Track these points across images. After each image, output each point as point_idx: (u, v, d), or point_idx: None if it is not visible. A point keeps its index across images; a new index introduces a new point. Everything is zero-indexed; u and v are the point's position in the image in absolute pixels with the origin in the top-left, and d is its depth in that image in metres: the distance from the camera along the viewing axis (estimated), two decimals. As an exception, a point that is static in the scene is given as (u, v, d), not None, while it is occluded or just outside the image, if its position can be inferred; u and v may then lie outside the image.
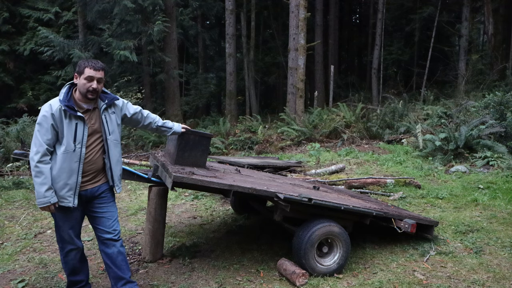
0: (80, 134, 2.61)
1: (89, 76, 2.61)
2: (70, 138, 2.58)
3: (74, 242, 2.75)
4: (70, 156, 2.58)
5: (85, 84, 2.61)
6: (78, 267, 2.83)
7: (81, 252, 2.84)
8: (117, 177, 2.83)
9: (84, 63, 2.65)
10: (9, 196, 5.95)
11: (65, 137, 2.57)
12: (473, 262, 3.45)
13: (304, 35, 11.66)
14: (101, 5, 11.27)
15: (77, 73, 2.64)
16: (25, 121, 10.38)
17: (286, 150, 9.94)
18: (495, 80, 13.50)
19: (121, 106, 2.90)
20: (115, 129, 2.81)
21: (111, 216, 2.83)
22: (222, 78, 18.24)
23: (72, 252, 2.77)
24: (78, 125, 2.61)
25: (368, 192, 5.69)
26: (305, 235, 3.17)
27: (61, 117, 2.56)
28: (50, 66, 15.13)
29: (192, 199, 5.75)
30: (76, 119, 2.60)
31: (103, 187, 2.79)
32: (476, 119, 8.06)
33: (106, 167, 2.78)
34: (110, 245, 2.79)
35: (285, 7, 15.93)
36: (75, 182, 2.62)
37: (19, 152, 3.13)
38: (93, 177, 2.73)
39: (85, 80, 2.61)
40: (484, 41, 19.68)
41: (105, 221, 2.80)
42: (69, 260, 2.78)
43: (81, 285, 2.88)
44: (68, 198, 2.61)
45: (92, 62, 2.66)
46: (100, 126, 2.73)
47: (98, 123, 2.73)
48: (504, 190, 5.35)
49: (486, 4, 14.84)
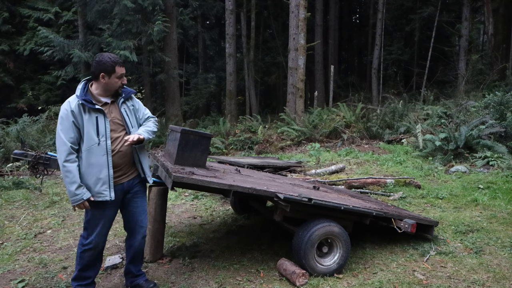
0: (102, 126, 2.64)
1: (121, 74, 2.70)
2: (93, 132, 2.61)
3: (99, 240, 2.78)
4: (96, 150, 2.61)
5: (117, 82, 2.70)
6: (91, 264, 2.85)
7: (99, 251, 2.87)
8: (147, 169, 2.91)
9: (110, 61, 2.65)
10: (9, 196, 5.95)
11: (86, 132, 2.60)
12: (473, 262, 3.44)
13: (304, 35, 11.66)
14: (101, 5, 11.27)
15: (105, 72, 2.64)
16: (25, 121, 10.38)
17: (286, 150, 9.95)
18: (495, 80, 13.50)
19: (138, 103, 2.97)
20: (136, 123, 2.87)
21: (143, 211, 2.95)
22: (222, 78, 18.24)
23: (92, 251, 2.79)
24: (99, 118, 2.64)
25: (368, 192, 5.69)
26: (305, 235, 3.17)
27: (80, 112, 2.60)
28: (50, 66, 15.13)
29: (192, 199, 5.75)
30: (96, 112, 2.64)
31: (136, 180, 2.88)
32: (476, 119, 8.06)
33: (135, 160, 2.84)
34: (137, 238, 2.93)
35: (285, 7, 15.93)
36: (107, 176, 2.66)
37: (19, 152, 3.12)
38: (126, 171, 2.80)
39: (117, 78, 2.69)
40: (484, 41, 19.68)
41: (138, 215, 2.92)
42: (86, 256, 2.80)
43: (88, 282, 2.88)
44: (104, 192, 2.66)
45: (117, 59, 2.70)
46: (122, 119, 2.77)
47: (119, 116, 2.77)
48: (504, 190, 5.35)
49: (486, 4, 14.83)
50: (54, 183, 6.93)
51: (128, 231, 2.97)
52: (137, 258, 3.02)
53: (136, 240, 2.95)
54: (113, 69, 2.65)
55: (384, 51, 17.75)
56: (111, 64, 2.64)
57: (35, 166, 3.13)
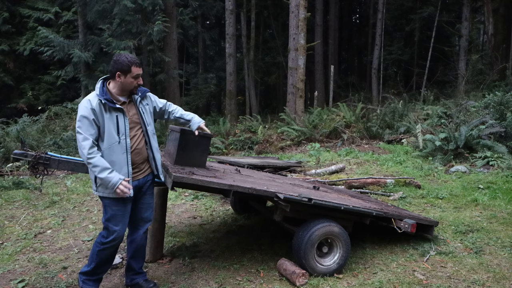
0: (122, 125, 2.69)
1: (137, 74, 2.71)
2: (113, 131, 2.65)
3: (122, 235, 2.80)
4: (116, 148, 2.66)
5: (133, 82, 2.72)
6: (107, 261, 2.87)
7: (116, 249, 2.90)
8: (160, 166, 2.97)
9: (127, 61, 2.67)
10: (9, 196, 5.95)
11: (107, 130, 2.63)
12: (473, 262, 3.44)
13: (304, 35, 11.66)
14: (101, 5, 11.26)
15: (121, 71, 2.66)
16: (25, 121, 10.38)
17: (286, 150, 9.95)
18: (495, 80, 13.50)
19: (152, 99, 3.03)
20: (151, 120, 2.94)
21: (149, 207, 3.01)
22: (222, 78, 18.24)
23: (111, 248, 2.82)
24: (119, 117, 2.68)
25: (368, 192, 5.69)
26: (305, 235, 3.17)
27: (101, 111, 2.62)
28: (50, 66, 15.12)
29: (192, 199, 5.75)
30: (116, 111, 2.68)
31: (149, 177, 2.95)
32: (476, 119, 8.05)
33: (149, 157, 2.89)
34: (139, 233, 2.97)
35: (285, 7, 15.92)
36: (127, 173, 2.71)
37: (19, 152, 3.12)
38: (142, 167, 2.85)
39: (133, 78, 2.70)
40: (484, 41, 19.68)
41: (144, 211, 2.98)
42: (105, 254, 2.81)
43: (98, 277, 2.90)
44: None
45: (135, 59, 2.71)
46: (139, 118, 2.83)
47: (136, 114, 2.82)
48: (504, 190, 5.35)
49: (486, 4, 14.83)
50: (54, 183, 6.93)
51: (131, 226, 2.99)
52: (139, 254, 3.03)
53: (138, 234, 2.98)
54: (129, 69, 2.67)
55: (384, 51, 17.75)
56: (127, 64, 2.66)
57: (35, 166, 3.13)
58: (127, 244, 3.04)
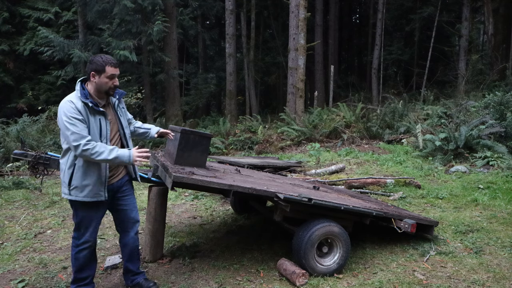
0: (104, 129, 2.67)
1: (111, 74, 2.65)
2: (97, 134, 2.63)
3: (92, 239, 2.79)
4: None
5: (107, 82, 2.66)
6: (87, 264, 2.85)
7: (93, 250, 2.88)
8: (137, 168, 2.97)
9: (102, 61, 2.63)
10: (9, 196, 5.95)
11: (91, 133, 2.60)
12: (473, 262, 3.44)
13: (304, 35, 11.66)
14: (101, 5, 11.27)
15: (95, 71, 2.62)
16: (25, 121, 10.38)
17: (286, 150, 9.95)
18: (495, 80, 13.50)
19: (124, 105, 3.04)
20: (127, 124, 2.94)
21: (133, 207, 2.98)
22: (222, 78, 18.24)
23: (86, 250, 2.80)
24: (102, 120, 2.66)
25: (368, 192, 5.69)
26: (305, 235, 3.17)
27: (87, 113, 2.59)
28: (50, 66, 15.13)
29: (192, 199, 5.75)
30: (99, 114, 2.66)
31: (124, 179, 2.92)
32: (476, 119, 8.05)
33: None
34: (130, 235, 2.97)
35: (285, 7, 15.93)
36: (105, 176, 2.70)
37: (19, 152, 3.12)
38: (116, 171, 2.83)
39: (107, 78, 2.65)
40: (484, 41, 19.68)
41: (129, 212, 2.95)
42: (81, 257, 2.80)
43: (87, 282, 2.88)
44: (101, 193, 2.69)
45: (110, 59, 2.66)
46: (116, 121, 2.82)
47: (114, 117, 2.81)
48: (504, 190, 5.35)
49: (486, 4, 14.83)
50: (54, 183, 6.93)
51: (121, 230, 2.99)
52: (134, 255, 3.03)
53: (129, 237, 2.97)
54: (103, 69, 2.62)
55: (384, 51, 17.75)
56: (101, 63, 2.61)
57: (35, 166, 3.13)
58: (121, 248, 3.04)
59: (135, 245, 3.01)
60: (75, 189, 2.63)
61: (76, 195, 2.64)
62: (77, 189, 2.63)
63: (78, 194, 2.64)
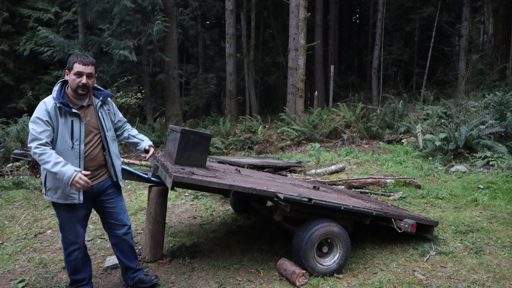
0: (77, 131, 2.61)
1: (78, 71, 2.60)
2: (67, 136, 2.57)
3: (77, 241, 2.76)
4: (69, 153, 2.58)
5: (74, 79, 2.61)
6: (80, 266, 2.84)
7: (83, 251, 2.85)
8: (119, 172, 2.88)
9: (73, 58, 2.64)
10: (9, 196, 5.95)
11: (60, 135, 2.56)
12: (473, 262, 3.44)
13: (304, 35, 11.66)
14: (101, 5, 11.27)
15: (67, 69, 2.64)
16: (25, 121, 10.36)
17: (286, 150, 9.94)
18: (495, 80, 13.50)
19: (114, 107, 2.97)
20: (111, 126, 2.86)
21: (120, 210, 2.93)
22: (222, 78, 18.24)
23: (75, 252, 2.78)
24: (74, 122, 2.61)
25: (368, 192, 5.69)
26: (305, 235, 3.17)
27: (56, 115, 2.55)
28: (50, 66, 15.12)
29: (192, 199, 5.75)
30: (72, 116, 2.61)
31: (107, 182, 2.84)
32: (476, 119, 8.05)
33: (108, 163, 2.80)
34: (118, 233, 2.92)
35: (285, 7, 15.93)
36: None
37: (19, 152, 3.12)
38: (95, 174, 2.74)
39: (74, 75, 2.61)
40: (484, 41, 19.68)
41: (116, 215, 2.90)
42: (72, 259, 2.79)
43: (83, 283, 2.88)
44: (73, 195, 2.63)
45: (81, 57, 2.64)
46: (97, 123, 2.75)
47: (94, 119, 2.74)
48: (504, 190, 5.35)
49: (486, 4, 14.83)
50: (54, 183, 6.92)
51: (108, 230, 2.96)
52: (129, 253, 3.00)
53: (119, 239, 2.93)
54: (71, 66, 2.60)
55: (384, 51, 17.76)
56: (71, 61, 2.62)
57: (35, 166, 3.13)
58: (113, 247, 3.00)
59: (127, 244, 2.97)
60: (49, 190, 2.62)
61: (51, 196, 2.63)
62: (51, 190, 2.61)
63: (53, 195, 2.62)
